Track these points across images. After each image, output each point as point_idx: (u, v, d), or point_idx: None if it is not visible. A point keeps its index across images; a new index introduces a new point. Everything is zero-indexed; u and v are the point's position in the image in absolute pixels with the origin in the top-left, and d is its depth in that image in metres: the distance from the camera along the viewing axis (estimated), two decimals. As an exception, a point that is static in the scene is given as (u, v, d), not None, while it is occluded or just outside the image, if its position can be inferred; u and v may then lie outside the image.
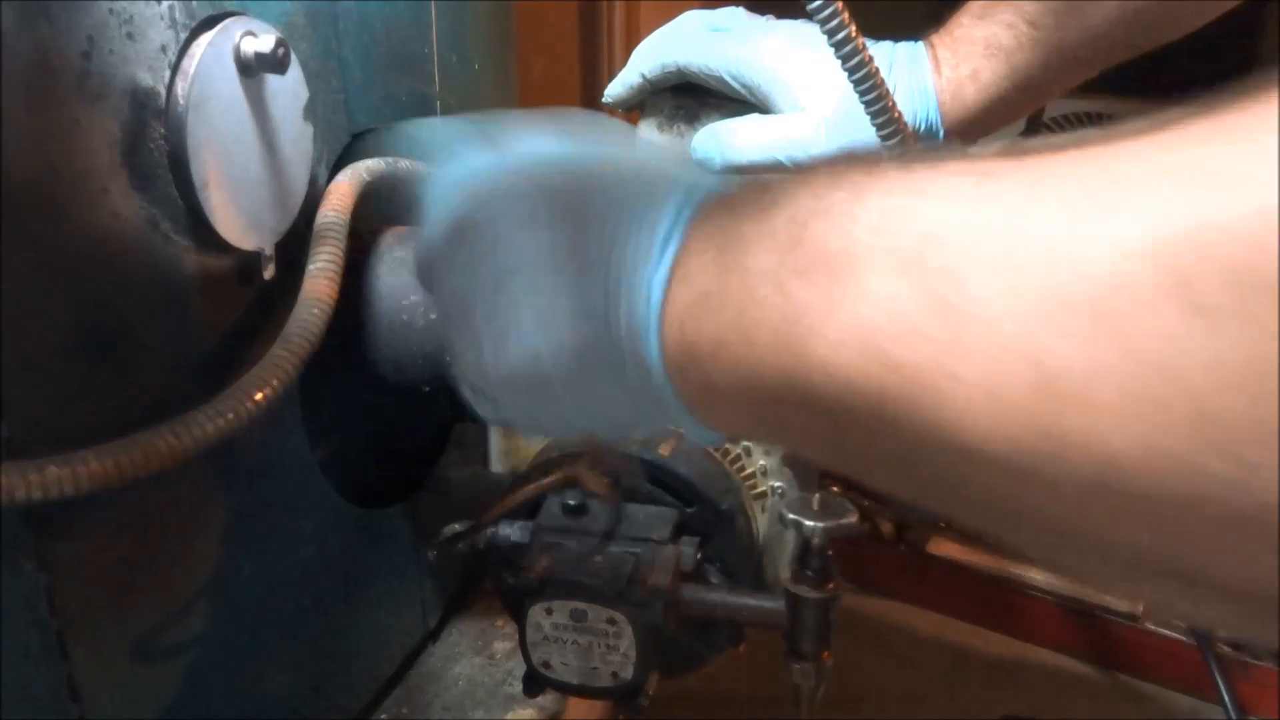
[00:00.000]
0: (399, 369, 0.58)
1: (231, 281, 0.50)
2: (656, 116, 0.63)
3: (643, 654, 0.53)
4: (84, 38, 0.39)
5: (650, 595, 0.52)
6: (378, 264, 0.59)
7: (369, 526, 0.65)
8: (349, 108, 0.58)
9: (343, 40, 0.57)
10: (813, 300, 0.26)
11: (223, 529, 0.52)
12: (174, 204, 0.45)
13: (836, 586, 0.53)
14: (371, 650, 0.68)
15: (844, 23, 0.42)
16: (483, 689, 0.70)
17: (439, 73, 0.68)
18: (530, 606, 0.54)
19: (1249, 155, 0.19)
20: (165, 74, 0.44)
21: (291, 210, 0.53)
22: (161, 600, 0.49)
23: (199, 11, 0.45)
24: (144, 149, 0.43)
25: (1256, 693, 0.71)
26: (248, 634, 0.55)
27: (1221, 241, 0.18)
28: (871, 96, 0.44)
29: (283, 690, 0.59)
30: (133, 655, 0.47)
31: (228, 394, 0.44)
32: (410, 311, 0.58)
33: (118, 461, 0.38)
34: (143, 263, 0.44)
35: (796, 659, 0.54)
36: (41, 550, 0.41)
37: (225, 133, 0.47)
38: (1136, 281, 0.20)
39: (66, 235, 0.40)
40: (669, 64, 0.59)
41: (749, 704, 0.69)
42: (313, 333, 0.48)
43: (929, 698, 0.74)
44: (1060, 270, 0.21)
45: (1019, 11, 0.56)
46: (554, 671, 0.55)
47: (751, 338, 0.28)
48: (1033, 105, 0.61)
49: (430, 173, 0.40)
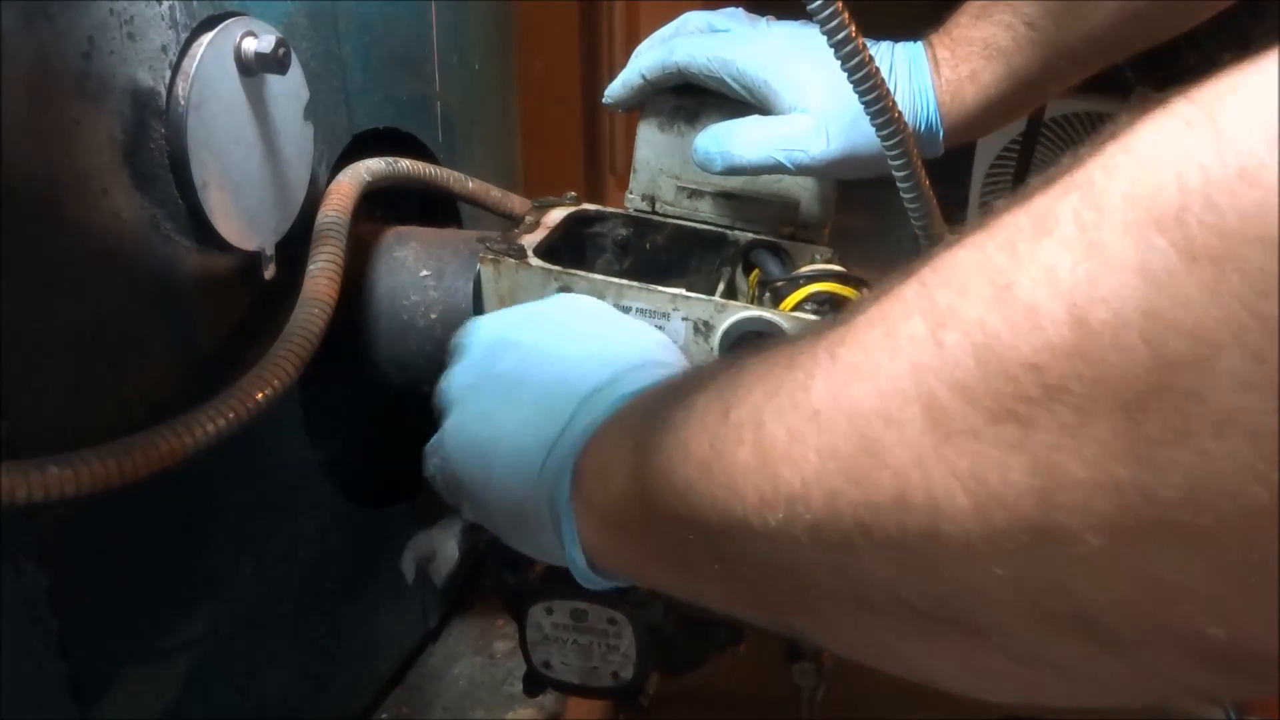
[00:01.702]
0: (399, 369, 0.58)
1: (232, 281, 0.50)
2: (657, 117, 0.63)
3: (643, 654, 0.53)
4: (84, 38, 0.39)
5: (650, 595, 0.52)
6: (378, 264, 0.59)
7: (369, 526, 0.65)
8: (349, 108, 0.58)
9: (343, 40, 0.57)
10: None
11: (223, 529, 0.52)
12: (174, 204, 0.45)
13: (836, 586, 0.53)
14: (371, 650, 0.68)
15: (844, 23, 0.42)
16: (483, 689, 0.70)
17: (439, 73, 0.68)
18: (530, 606, 0.54)
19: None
20: (166, 74, 0.44)
21: (291, 210, 0.53)
22: (161, 600, 0.49)
23: (199, 11, 0.45)
24: (144, 149, 0.43)
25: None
26: (248, 634, 0.55)
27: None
28: (871, 97, 0.44)
29: (283, 690, 0.59)
30: (133, 655, 0.47)
31: (228, 394, 0.44)
32: (410, 311, 0.58)
33: (118, 461, 0.38)
34: (143, 263, 0.44)
35: (796, 659, 0.54)
36: (41, 550, 0.41)
37: (226, 133, 0.47)
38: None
39: (67, 235, 0.40)
40: (669, 64, 0.59)
41: (749, 704, 0.69)
42: (313, 333, 0.48)
43: (929, 698, 0.74)
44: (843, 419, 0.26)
45: (1017, 12, 0.56)
46: (554, 671, 0.55)
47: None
48: (1032, 105, 0.61)
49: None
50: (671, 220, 0.63)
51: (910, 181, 0.48)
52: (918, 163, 0.48)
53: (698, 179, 0.62)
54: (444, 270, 0.58)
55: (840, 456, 0.26)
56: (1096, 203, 0.20)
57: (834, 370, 0.27)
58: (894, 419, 0.24)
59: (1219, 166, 0.18)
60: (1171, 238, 0.18)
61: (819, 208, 0.62)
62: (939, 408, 0.23)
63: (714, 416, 0.31)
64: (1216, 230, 0.17)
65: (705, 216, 0.63)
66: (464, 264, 0.58)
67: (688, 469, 0.32)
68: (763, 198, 0.62)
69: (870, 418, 0.25)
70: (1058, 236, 0.21)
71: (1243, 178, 0.17)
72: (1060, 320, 0.20)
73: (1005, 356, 0.21)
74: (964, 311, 0.22)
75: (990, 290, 0.22)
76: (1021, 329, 0.21)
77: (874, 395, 0.25)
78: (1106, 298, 0.19)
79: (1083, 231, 0.20)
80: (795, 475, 0.27)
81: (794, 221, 0.62)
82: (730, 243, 0.62)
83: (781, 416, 0.28)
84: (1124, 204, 0.19)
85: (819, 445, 0.26)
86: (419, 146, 0.67)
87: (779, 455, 0.28)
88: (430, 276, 0.58)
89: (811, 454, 0.27)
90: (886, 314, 0.25)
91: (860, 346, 0.26)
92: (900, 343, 0.24)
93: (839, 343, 0.27)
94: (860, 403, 0.25)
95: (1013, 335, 0.21)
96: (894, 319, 0.25)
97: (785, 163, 0.56)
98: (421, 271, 0.58)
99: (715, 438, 0.31)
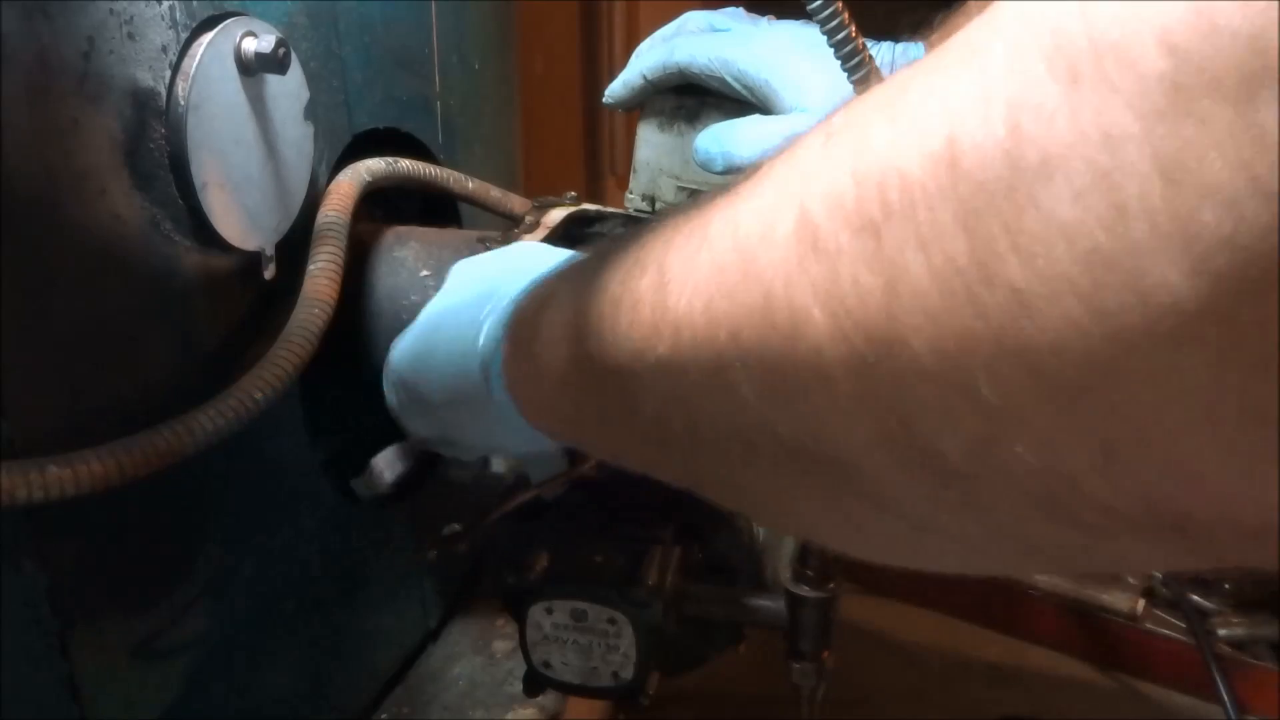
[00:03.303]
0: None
1: (232, 281, 0.50)
2: (657, 116, 0.63)
3: (643, 654, 0.53)
4: (84, 38, 0.39)
5: (650, 595, 0.52)
6: (378, 264, 0.59)
7: (369, 526, 0.65)
8: (349, 108, 0.58)
9: (343, 40, 0.57)
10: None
11: (223, 529, 0.52)
12: (174, 204, 0.45)
13: (836, 586, 0.53)
14: (371, 650, 0.68)
15: (844, 23, 0.42)
16: (483, 689, 0.70)
17: (439, 73, 0.68)
18: (530, 606, 0.54)
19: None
20: (165, 74, 0.44)
21: (291, 210, 0.53)
22: (162, 600, 0.49)
23: (199, 11, 0.45)
24: (144, 149, 0.43)
25: (1256, 692, 0.71)
26: (248, 634, 0.55)
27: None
28: (871, 97, 0.44)
29: (283, 690, 0.59)
30: (133, 655, 0.47)
31: (228, 393, 0.44)
32: (410, 311, 0.58)
33: (118, 461, 0.38)
34: (143, 263, 0.44)
35: (796, 659, 0.54)
36: (41, 550, 0.41)
37: (226, 133, 0.47)
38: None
39: (67, 235, 0.40)
40: (670, 64, 0.59)
41: (749, 704, 0.69)
42: (313, 333, 0.48)
43: (929, 698, 0.74)
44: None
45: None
46: (554, 671, 0.55)
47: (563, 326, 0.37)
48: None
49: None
50: (671, 220, 0.63)
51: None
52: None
53: (698, 179, 0.62)
54: (444, 270, 0.58)
55: (720, 273, 0.27)
56: (988, 31, 0.20)
57: (730, 200, 0.28)
58: (768, 234, 0.25)
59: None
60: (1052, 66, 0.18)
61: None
62: (810, 222, 0.23)
63: (628, 260, 0.32)
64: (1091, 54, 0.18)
65: None
66: None
67: (601, 309, 0.33)
68: (763, 197, 0.62)
69: (750, 234, 0.26)
70: (948, 62, 0.21)
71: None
72: (937, 133, 0.20)
73: (881, 166, 0.21)
74: (854, 122, 0.23)
75: (884, 111, 0.22)
76: (903, 142, 0.21)
77: (756, 212, 0.26)
78: (981, 116, 0.19)
79: (971, 55, 0.20)
80: (681, 296, 0.28)
81: (794, 221, 0.62)
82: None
83: (680, 249, 0.29)
84: (1014, 33, 0.20)
85: (706, 266, 0.27)
86: (419, 146, 0.67)
87: (673, 281, 0.29)
88: (430, 276, 0.58)
89: (700, 275, 0.28)
90: (789, 148, 0.26)
91: (756, 177, 0.27)
92: (793, 163, 0.25)
93: (740, 182, 0.28)
94: (744, 221, 0.26)
95: (892, 147, 0.21)
96: (794, 148, 0.26)
97: (786, 162, 0.56)
98: (421, 271, 0.58)
99: (626, 276, 0.32)
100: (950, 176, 0.20)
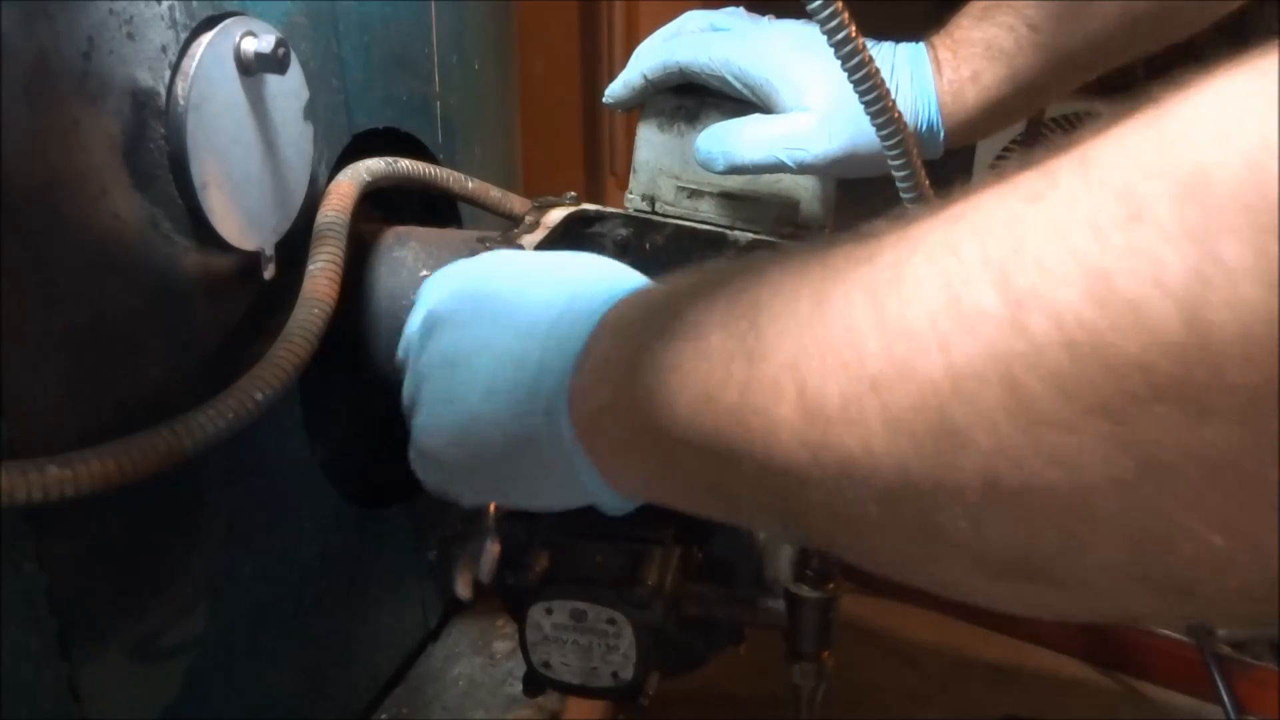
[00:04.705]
0: (399, 368, 0.58)
1: (232, 281, 0.50)
2: (657, 117, 0.63)
3: (643, 654, 0.53)
4: (84, 38, 0.39)
5: (650, 595, 0.52)
6: (378, 264, 0.59)
7: (369, 526, 0.65)
8: (349, 108, 0.58)
9: (343, 40, 0.57)
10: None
11: (223, 529, 0.52)
12: (174, 204, 0.45)
13: (836, 586, 0.53)
14: (371, 650, 0.68)
15: (844, 23, 0.42)
16: (483, 689, 0.70)
17: (439, 73, 0.68)
18: (530, 606, 0.54)
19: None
20: (165, 74, 0.44)
21: (291, 210, 0.53)
22: (161, 600, 0.49)
23: (199, 11, 0.45)
24: (144, 149, 0.43)
25: (1256, 692, 0.71)
26: (248, 634, 0.55)
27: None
28: (871, 97, 0.44)
29: (283, 690, 0.59)
30: (133, 655, 0.47)
31: (228, 394, 0.44)
32: (410, 311, 0.58)
33: (118, 461, 0.38)
34: (143, 263, 0.44)
35: (796, 659, 0.54)
36: (41, 550, 0.41)
37: (225, 133, 0.47)
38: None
39: (66, 235, 0.40)
40: (670, 64, 0.59)
41: (749, 704, 0.69)
42: (313, 333, 0.48)
43: (930, 698, 0.74)
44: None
45: (1019, 14, 0.56)
46: (554, 671, 0.55)
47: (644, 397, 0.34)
48: (1033, 107, 0.61)
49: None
50: (671, 220, 0.63)
51: (910, 181, 0.48)
52: (918, 163, 0.48)
53: (698, 179, 0.62)
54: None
55: (913, 433, 0.25)
56: (1201, 200, 0.19)
57: (886, 326, 0.26)
58: (973, 403, 0.23)
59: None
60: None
61: (819, 207, 0.62)
62: (1027, 396, 0.22)
63: (739, 362, 0.30)
64: None
65: (705, 216, 0.63)
66: None
67: (707, 409, 0.31)
68: (763, 198, 0.62)
69: (945, 397, 0.24)
70: (1154, 225, 0.20)
71: None
72: (1171, 318, 0.19)
73: (1106, 353, 0.21)
74: (1049, 296, 0.22)
75: (1081, 277, 0.21)
76: (1125, 326, 0.20)
77: (945, 370, 0.24)
78: (1227, 301, 0.19)
79: (1185, 227, 0.19)
80: (856, 443, 0.26)
81: (794, 221, 0.62)
82: (730, 243, 0.62)
83: (830, 376, 0.27)
84: (1232, 205, 0.19)
85: (884, 417, 0.26)
86: (419, 146, 0.67)
87: (833, 419, 0.27)
88: (430, 276, 0.58)
89: (876, 424, 0.26)
90: (941, 270, 0.24)
91: (914, 303, 0.25)
92: (968, 314, 0.24)
93: (882, 287, 0.26)
94: (929, 376, 0.24)
95: (1115, 333, 0.21)
96: (952, 278, 0.24)
97: (787, 161, 0.56)
98: (421, 271, 0.58)
99: (745, 389, 0.30)
100: (1211, 373, 0.20)
